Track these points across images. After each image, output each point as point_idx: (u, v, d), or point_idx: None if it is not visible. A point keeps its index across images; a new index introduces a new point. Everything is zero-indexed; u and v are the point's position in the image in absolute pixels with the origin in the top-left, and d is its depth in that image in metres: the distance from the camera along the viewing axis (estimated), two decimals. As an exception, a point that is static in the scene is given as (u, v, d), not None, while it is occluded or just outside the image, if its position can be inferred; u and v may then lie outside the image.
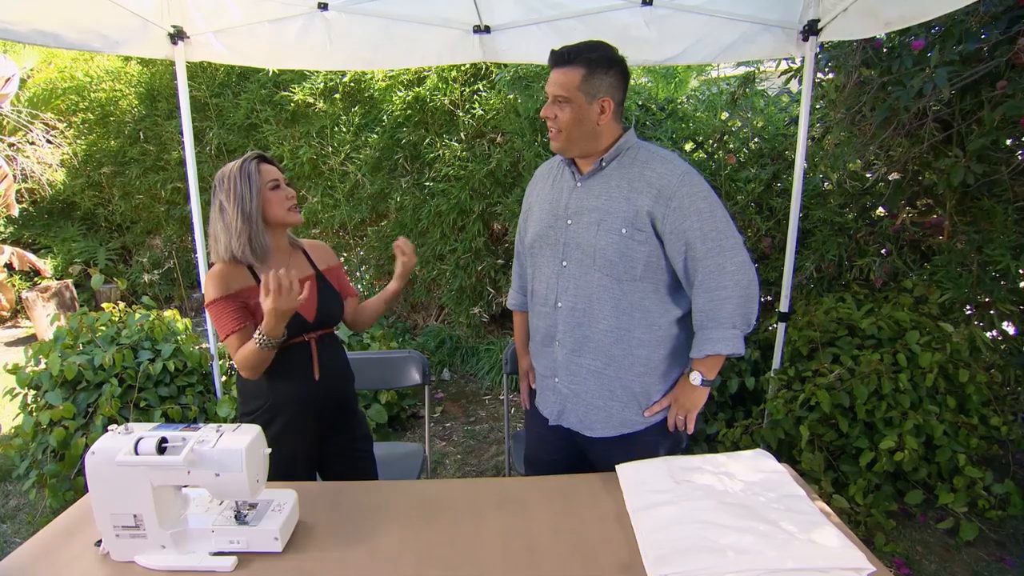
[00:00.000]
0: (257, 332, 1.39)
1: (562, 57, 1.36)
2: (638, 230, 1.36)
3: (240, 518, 1.13)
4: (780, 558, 1.02)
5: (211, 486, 1.08)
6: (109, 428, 1.10)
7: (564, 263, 1.44)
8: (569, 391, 1.49)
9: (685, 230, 1.34)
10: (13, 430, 2.63)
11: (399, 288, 1.74)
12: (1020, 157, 2.39)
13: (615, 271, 1.38)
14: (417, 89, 3.97)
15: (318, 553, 1.13)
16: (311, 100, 4.25)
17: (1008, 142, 2.49)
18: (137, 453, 1.04)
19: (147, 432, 1.08)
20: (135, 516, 1.07)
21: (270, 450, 1.16)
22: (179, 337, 2.89)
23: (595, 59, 1.34)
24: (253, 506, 1.16)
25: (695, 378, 1.42)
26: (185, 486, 1.15)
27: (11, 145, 5.38)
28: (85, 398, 2.53)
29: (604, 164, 1.41)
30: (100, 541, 1.12)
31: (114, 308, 2.98)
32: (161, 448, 1.05)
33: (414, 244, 4.37)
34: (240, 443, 1.07)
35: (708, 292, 1.36)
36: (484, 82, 3.90)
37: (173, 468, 1.04)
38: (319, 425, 1.59)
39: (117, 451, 1.04)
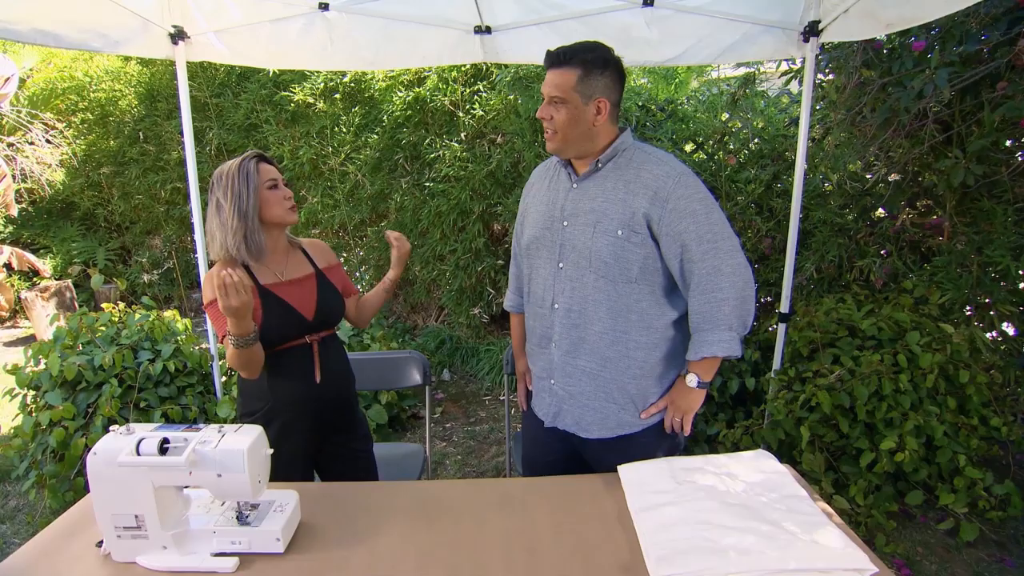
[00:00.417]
0: (227, 334, 1.39)
1: (558, 58, 1.36)
2: (634, 232, 1.36)
3: (242, 519, 1.13)
4: (782, 559, 1.02)
5: (213, 487, 1.08)
6: (111, 428, 1.10)
7: (561, 264, 1.44)
8: (565, 392, 1.49)
9: (681, 232, 1.33)
10: (12, 430, 2.63)
11: (397, 276, 1.77)
12: (1020, 158, 2.40)
13: (610, 273, 1.38)
14: (417, 89, 3.97)
15: (320, 554, 1.12)
16: (311, 100, 4.25)
17: (1008, 143, 2.49)
18: (139, 454, 1.04)
19: (149, 433, 1.08)
20: (136, 517, 1.07)
21: (272, 450, 1.16)
22: (179, 337, 2.89)
23: (591, 60, 1.34)
24: (255, 507, 1.16)
25: (691, 380, 1.42)
26: (187, 487, 1.15)
27: (10, 145, 5.37)
28: (85, 398, 2.52)
29: (600, 165, 1.41)
30: (101, 542, 1.12)
31: (114, 308, 2.98)
32: (163, 449, 1.05)
33: (414, 244, 4.39)
34: (242, 444, 1.07)
35: (704, 294, 1.35)
36: (484, 83, 3.91)
37: (175, 469, 1.04)
38: (320, 426, 1.59)
39: (119, 452, 1.04)
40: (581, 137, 1.39)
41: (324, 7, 2.26)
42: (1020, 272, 2.40)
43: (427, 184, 4.04)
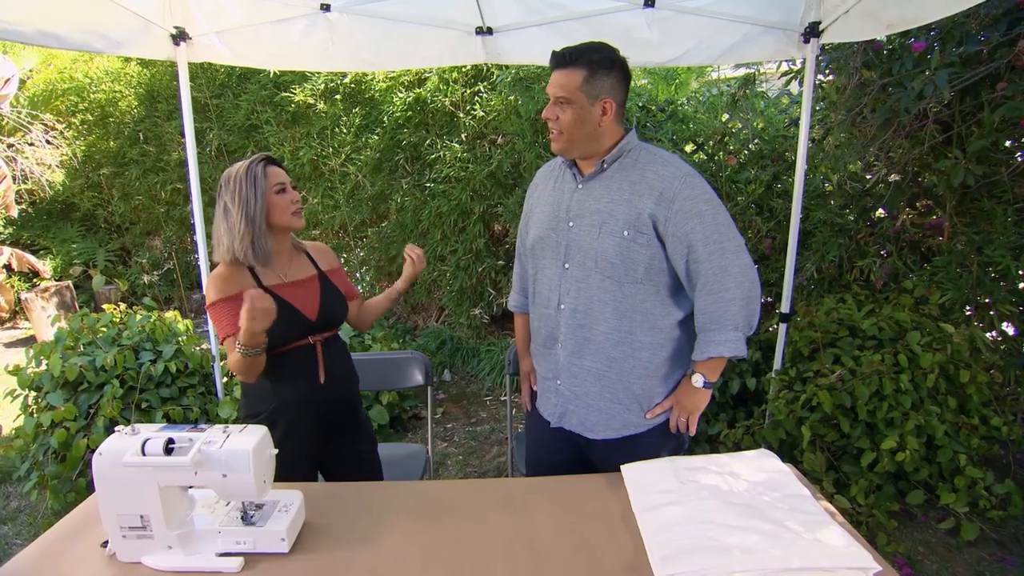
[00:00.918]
0: (237, 342, 1.38)
1: (563, 58, 1.36)
2: (640, 232, 1.36)
3: (247, 519, 1.13)
4: (786, 557, 1.02)
5: (218, 487, 1.08)
6: (116, 429, 1.10)
7: (566, 265, 1.44)
8: (571, 393, 1.49)
9: (687, 233, 1.34)
10: (14, 431, 2.63)
11: (404, 288, 1.79)
12: (1020, 158, 2.40)
13: (616, 273, 1.38)
14: (418, 90, 3.97)
15: (324, 554, 1.13)
16: (311, 101, 4.25)
17: (1008, 143, 2.50)
18: (144, 454, 1.04)
19: (154, 433, 1.08)
20: (142, 517, 1.07)
21: (277, 451, 1.16)
22: (180, 338, 2.89)
23: (596, 60, 1.34)
24: (259, 507, 1.16)
25: (697, 380, 1.42)
26: (192, 487, 1.16)
27: (10, 146, 5.37)
28: (86, 399, 2.52)
29: (606, 166, 1.41)
30: (107, 542, 1.12)
31: (115, 309, 2.98)
32: (168, 449, 1.05)
33: (414, 244, 4.39)
34: (247, 444, 1.07)
35: (711, 295, 1.36)
36: (485, 83, 3.91)
37: (180, 469, 1.04)
38: (324, 427, 1.59)
39: (124, 452, 1.04)
40: (587, 138, 1.39)
41: (325, 8, 2.26)
42: (1020, 272, 2.41)
43: (428, 185, 4.04)
